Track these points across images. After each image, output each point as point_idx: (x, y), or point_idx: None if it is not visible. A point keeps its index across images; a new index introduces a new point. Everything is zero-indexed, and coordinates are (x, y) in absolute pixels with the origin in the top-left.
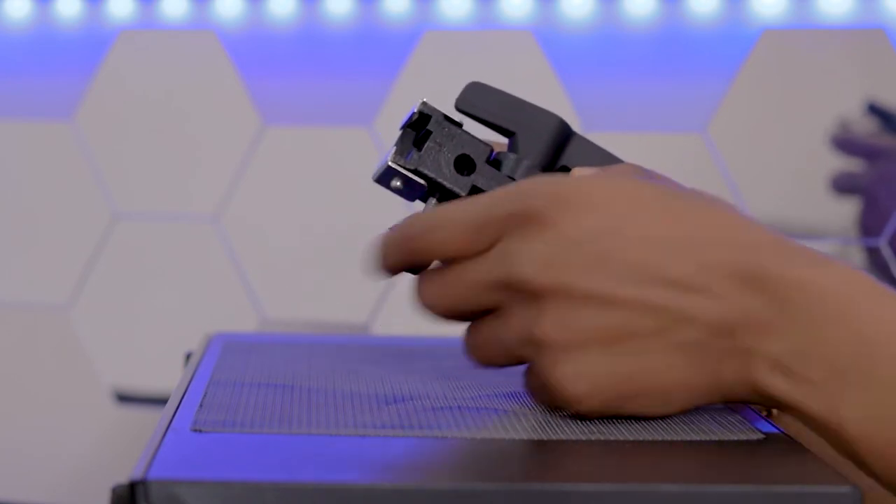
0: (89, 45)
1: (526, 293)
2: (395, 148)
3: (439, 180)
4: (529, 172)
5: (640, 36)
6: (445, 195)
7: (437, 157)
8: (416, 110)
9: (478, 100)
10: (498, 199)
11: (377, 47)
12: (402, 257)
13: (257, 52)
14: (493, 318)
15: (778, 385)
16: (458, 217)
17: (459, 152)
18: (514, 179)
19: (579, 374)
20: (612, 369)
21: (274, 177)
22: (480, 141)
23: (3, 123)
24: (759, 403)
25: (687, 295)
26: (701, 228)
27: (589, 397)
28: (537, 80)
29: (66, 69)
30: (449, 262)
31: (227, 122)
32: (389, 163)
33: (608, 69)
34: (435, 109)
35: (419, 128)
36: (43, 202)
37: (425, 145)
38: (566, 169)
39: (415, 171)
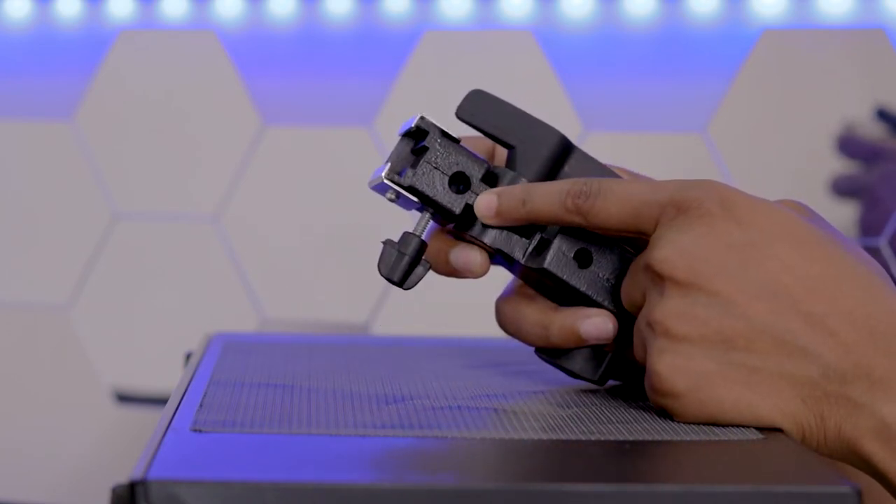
0: (89, 45)
1: (658, 276)
2: (389, 164)
3: (434, 198)
4: None
5: (640, 36)
6: (439, 211)
7: (432, 175)
8: (413, 124)
9: (478, 110)
10: (663, 185)
11: (377, 47)
12: (555, 211)
13: (257, 52)
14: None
15: (875, 448)
16: (623, 192)
17: (455, 170)
18: None
19: (683, 369)
20: (718, 375)
21: (274, 177)
22: (477, 157)
23: (3, 123)
24: (850, 463)
25: (815, 332)
26: (848, 278)
27: (687, 395)
28: (537, 80)
29: (66, 69)
30: None
31: (227, 122)
32: (384, 178)
33: (608, 69)
34: (432, 125)
35: (417, 139)
36: (43, 202)
37: (420, 164)
38: None
39: (408, 189)
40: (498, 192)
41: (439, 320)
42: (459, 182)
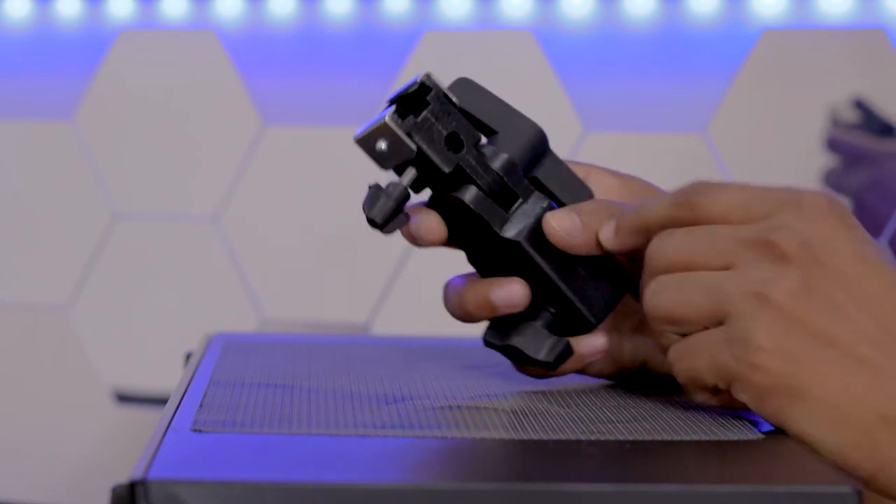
0: (89, 45)
1: (778, 254)
2: (392, 108)
3: (428, 150)
4: (507, 165)
5: (640, 36)
6: (426, 167)
7: (431, 129)
8: (418, 80)
9: (466, 94)
10: (771, 187)
11: (377, 47)
12: (671, 210)
13: (257, 52)
14: (722, 272)
15: None
16: (739, 187)
17: (452, 129)
18: (492, 169)
19: (779, 345)
20: (815, 364)
21: (274, 177)
22: (472, 126)
23: (3, 123)
24: None
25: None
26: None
27: (770, 372)
28: (537, 80)
29: (66, 69)
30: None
31: (227, 122)
32: (387, 119)
33: (608, 69)
34: (437, 84)
35: (415, 100)
36: (43, 202)
37: (422, 114)
38: (536, 181)
39: (408, 135)
40: (616, 216)
41: (439, 320)
42: (454, 143)
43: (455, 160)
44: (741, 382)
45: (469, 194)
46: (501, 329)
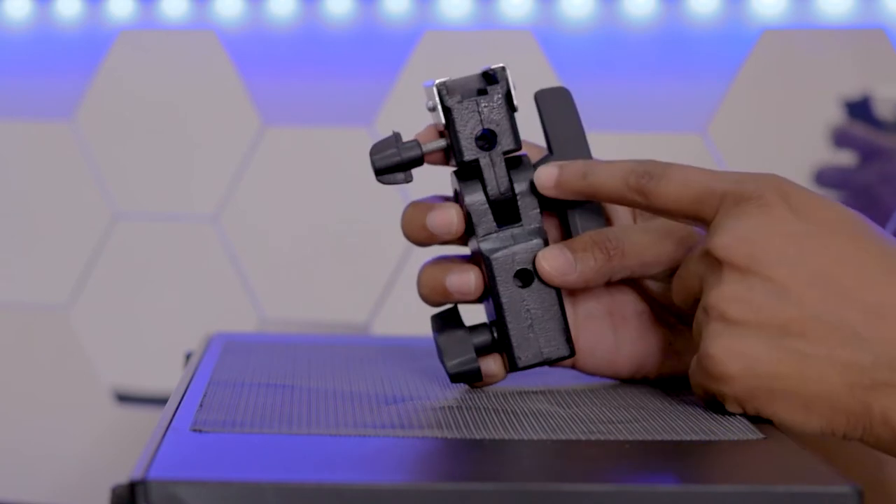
0: (89, 45)
1: (717, 261)
2: (448, 78)
3: (456, 132)
4: (526, 189)
5: (640, 36)
6: (453, 147)
7: (471, 116)
8: (492, 68)
9: (551, 105)
10: (724, 175)
11: (377, 47)
12: (618, 187)
13: (257, 52)
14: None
15: None
16: (686, 177)
17: (491, 128)
18: (511, 180)
19: (738, 353)
20: (770, 359)
21: (274, 177)
22: (517, 135)
23: (3, 123)
24: (891, 450)
25: (867, 320)
26: None
27: (739, 379)
28: (537, 80)
29: (66, 69)
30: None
31: (227, 122)
32: (436, 83)
33: (608, 69)
34: (506, 80)
35: (487, 83)
36: (43, 202)
37: (469, 99)
38: (563, 214)
39: (444, 109)
40: (560, 164)
41: None
42: (487, 139)
43: (476, 155)
44: (718, 395)
45: (471, 193)
46: (445, 321)
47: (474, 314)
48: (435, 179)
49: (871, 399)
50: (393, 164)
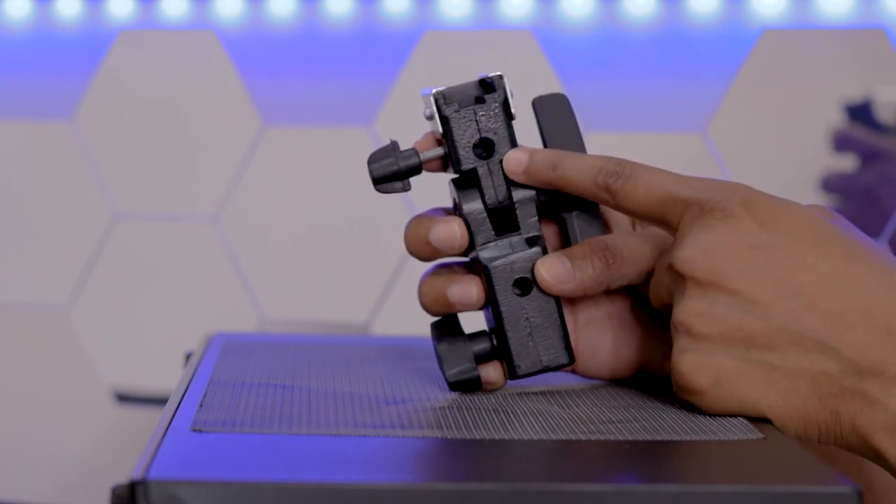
0: (89, 45)
1: (680, 275)
2: (445, 87)
3: (453, 140)
4: (525, 198)
5: (640, 36)
6: (450, 156)
7: (468, 125)
8: (490, 76)
9: (549, 110)
10: (690, 182)
11: (377, 47)
12: (585, 184)
13: (257, 52)
14: None
15: (888, 444)
16: (652, 181)
17: (489, 136)
18: (509, 189)
19: (705, 367)
20: (738, 372)
21: (274, 177)
22: (515, 145)
23: (3, 123)
24: (865, 456)
25: (833, 329)
26: (866, 276)
27: (708, 393)
28: (537, 80)
29: (66, 69)
30: None
31: (227, 122)
32: (433, 92)
33: (608, 69)
34: (504, 88)
35: (484, 91)
36: (43, 202)
37: (467, 108)
38: (562, 220)
39: (442, 119)
40: (530, 151)
41: None
42: (485, 148)
43: (474, 164)
44: (700, 407)
45: (469, 201)
46: (444, 329)
47: (473, 321)
48: (435, 186)
49: (840, 407)
50: (391, 172)
